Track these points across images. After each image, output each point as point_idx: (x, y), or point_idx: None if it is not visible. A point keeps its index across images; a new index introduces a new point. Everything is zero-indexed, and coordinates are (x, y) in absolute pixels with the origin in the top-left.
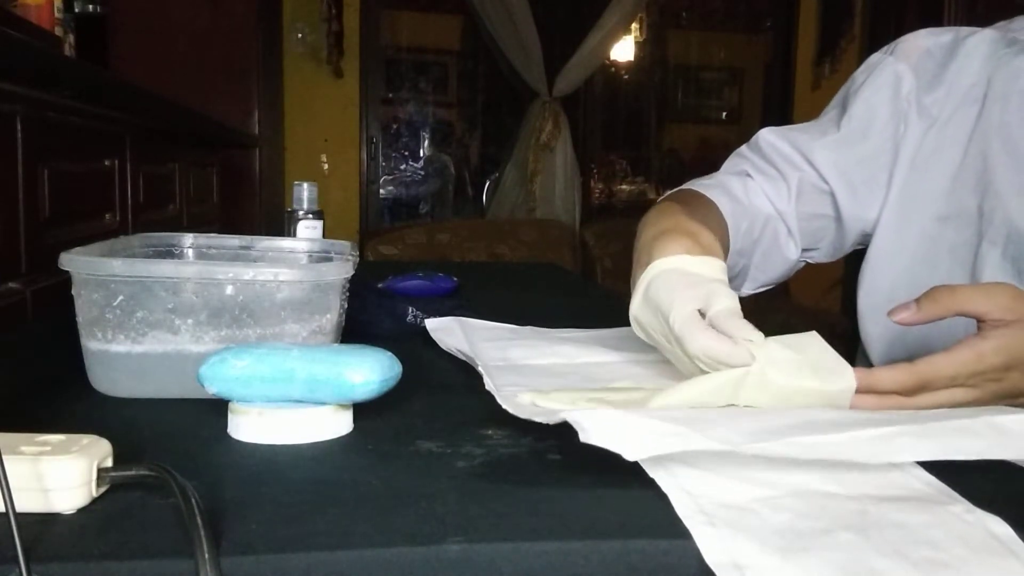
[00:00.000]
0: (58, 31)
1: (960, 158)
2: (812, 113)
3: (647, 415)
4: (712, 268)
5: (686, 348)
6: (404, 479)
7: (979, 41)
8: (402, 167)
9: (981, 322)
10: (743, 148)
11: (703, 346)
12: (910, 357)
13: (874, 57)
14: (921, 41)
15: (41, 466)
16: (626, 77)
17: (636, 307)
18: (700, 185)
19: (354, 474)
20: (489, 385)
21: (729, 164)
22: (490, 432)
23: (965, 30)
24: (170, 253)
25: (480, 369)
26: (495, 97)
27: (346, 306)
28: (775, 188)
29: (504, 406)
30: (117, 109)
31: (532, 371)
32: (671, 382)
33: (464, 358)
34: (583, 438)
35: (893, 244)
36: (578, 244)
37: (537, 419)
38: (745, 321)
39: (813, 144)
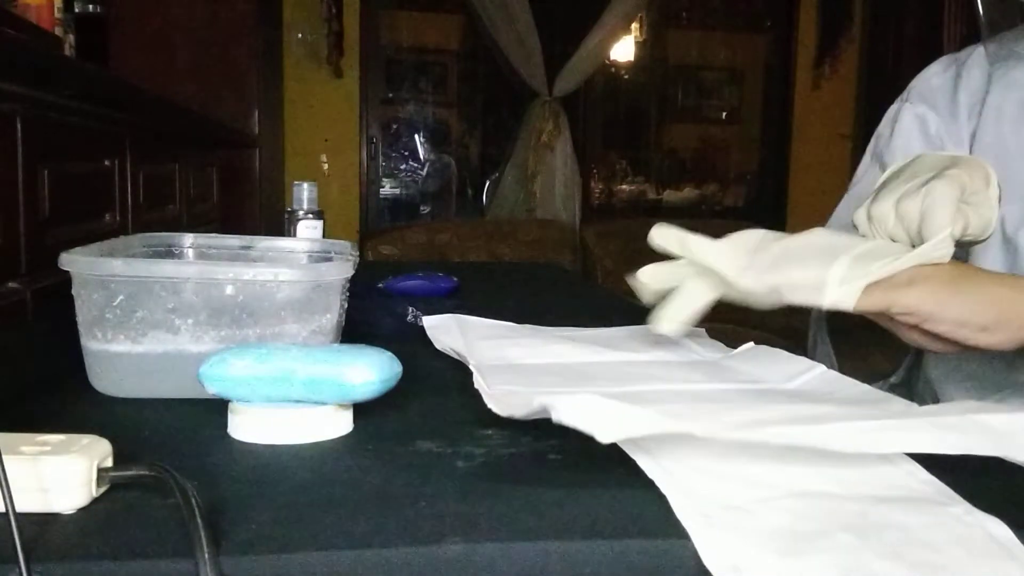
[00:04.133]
0: (58, 31)
1: None
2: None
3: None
4: None
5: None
6: (404, 479)
7: (975, 60)
8: (402, 167)
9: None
10: None
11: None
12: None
13: (892, 108)
14: (931, 80)
15: (41, 466)
16: (626, 77)
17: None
18: None
19: (354, 474)
20: (479, 383)
21: None
22: (490, 432)
23: (963, 54)
24: (170, 253)
25: (472, 367)
26: (495, 97)
27: (346, 306)
28: None
29: (488, 404)
30: (117, 109)
31: (528, 371)
32: (670, 384)
33: (458, 357)
34: (555, 417)
35: None
36: (578, 244)
37: (517, 413)
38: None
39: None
